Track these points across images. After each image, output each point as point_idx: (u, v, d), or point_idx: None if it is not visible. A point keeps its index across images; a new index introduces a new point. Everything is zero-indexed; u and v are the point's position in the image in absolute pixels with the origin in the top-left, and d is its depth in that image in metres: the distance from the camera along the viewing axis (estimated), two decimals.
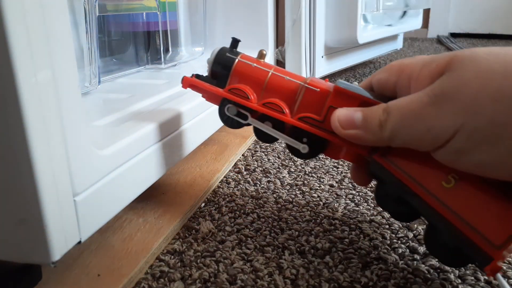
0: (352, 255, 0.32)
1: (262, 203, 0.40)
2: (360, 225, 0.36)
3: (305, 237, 0.34)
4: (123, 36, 0.57)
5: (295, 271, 0.30)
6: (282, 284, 0.29)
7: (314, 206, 0.40)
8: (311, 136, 0.31)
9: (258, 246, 0.33)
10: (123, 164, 0.30)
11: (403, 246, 0.33)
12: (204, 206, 0.40)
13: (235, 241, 0.34)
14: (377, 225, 0.36)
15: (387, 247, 0.33)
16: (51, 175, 0.22)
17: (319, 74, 0.85)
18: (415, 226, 0.36)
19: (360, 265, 0.31)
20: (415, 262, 0.31)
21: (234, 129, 0.34)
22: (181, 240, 0.34)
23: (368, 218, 0.37)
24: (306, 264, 0.31)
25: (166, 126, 0.36)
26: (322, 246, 0.33)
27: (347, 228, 0.36)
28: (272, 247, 0.33)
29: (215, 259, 0.31)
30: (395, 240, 0.34)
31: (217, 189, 0.43)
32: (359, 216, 0.38)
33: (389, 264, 0.31)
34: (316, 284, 0.29)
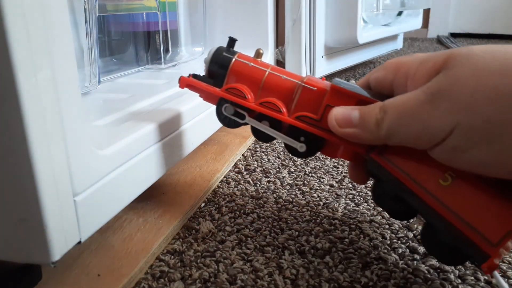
0: (352, 255, 0.32)
1: (262, 203, 0.40)
2: (360, 225, 0.36)
3: (305, 237, 0.34)
4: (123, 36, 0.57)
5: (295, 271, 0.30)
6: (282, 284, 0.29)
7: (314, 206, 0.40)
8: (308, 135, 0.31)
9: (258, 246, 0.33)
10: (123, 164, 0.30)
11: (403, 246, 0.33)
12: (204, 206, 0.40)
13: (235, 241, 0.34)
14: (377, 225, 0.36)
15: (387, 247, 0.33)
16: (51, 175, 0.22)
17: (319, 74, 0.85)
18: (415, 226, 0.36)
19: (360, 265, 0.31)
20: (415, 262, 0.31)
21: (231, 128, 0.34)
22: (181, 240, 0.34)
23: (368, 218, 0.37)
24: (306, 264, 0.31)
25: (166, 126, 0.36)
26: (322, 246, 0.33)
27: (347, 228, 0.36)
28: (272, 247, 0.33)
29: (215, 259, 0.31)
30: (395, 240, 0.34)
31: (217, 189, 0.43)
32: (359, 216, 0.38)
33: (389, 264, 0.31)
34: (316, 284, 0.29)
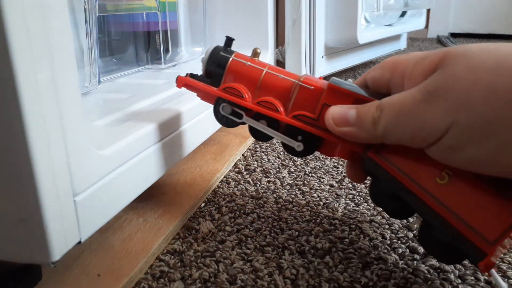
0: (352, 255, 0.32)
1: (262, 203, 0.40)
2: (360, 225, 0.36)
3: (305, 237, 0.34)
4: (123, 36, 0.57)
5: (295, 271, 0.30)
6: (282, 284, 0.29)
7: (314, 206, 0.40)
8: (305, 134, 0.31)
9: (258, 246, 0.33)
10: (123, 164, 0.30)
11: (403, 246, 0.33)
12: (204, 206, 0.40)
13: (235, 241, 0.34)
14: (377, 225, 0.36)
15: (387, 247, 0.33)
16: (51, 175, 0.22)
17: (319, 74, 0.85)
18: (415, 226, 0.36)
19: (360, 265, 0.31)
20: (415, 262, 0.31)
21: (229, 128, 0.34)
22: (181, 240, 0.34)
23: (368, 218, 0.37)
24: (306, 264, 0.31)
25: (166, 126, 0.36)
26: (322, 246, 0.33)
27: (347, 228, 0.36)
28: (272, 247, 0.33)
29: (215, 259, 0.31)
30: (395, 240, 0.34)
31: (217, 189, 0.43)
32: (359, 216, 0.38)
33: (389, 264, 0.31)
34: (316, 284, 0.29)
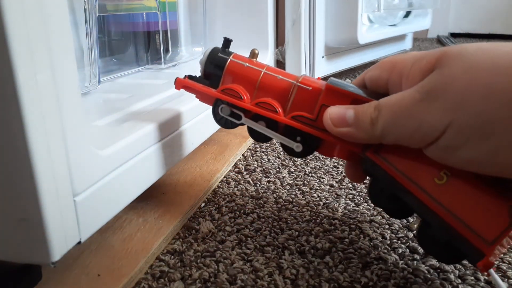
0: (352, 255, 0.32)
1: (262, 203, 0.40)
2: (360, 225, 0.36)
3: (305, 237, 0.34)
4: (123, 36, 0.57)
5: (295, 271, 0.30)
6: (282, 284, 0.29)
7: (314, 206, 0.40)
8: (304, 134, 0.31)
9: (258, 246, 0.33)
10: (123, 164, 0.30)
11: (403, 246, 0.33)
12: (204, 206, 0.40)
13: (235, 241, 0.34)
14: (377, 225, 0.36)
15: (387, 247, 0.33)
16: (51, 175, 0.22)
17: (320, 75, 0.85)
18: (415, 226, 0.36)
19: (360, 265, 0.31)
20: (415, 262, 0.31)
21: (228, 129, 0.34)
22: (181, 240, 0.34)
23: (368, 218, 0.37)
24: (306, 264, 0.31)
25: (166, 126, 0.36)
26: (322, 246, 0.33)
27: (347, 228, 0.36)
28: (272, 247, 0.33)
29: (215, 259, 0.31)
30: (395, 240, 0.34)
31: (217, 189, 0.43)
32: (359, 216, 0.38)
33: (389, 264, 0.31)
34: (316, 284, 0.29)
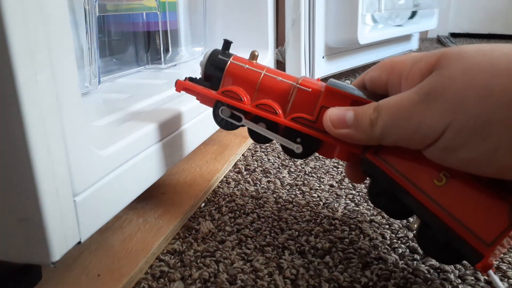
0: (352, 255, 0.32)
1: (262, 203, 0.40)
2: (360, 225, 0.36)
3: (305, 237, 0.34)
4: (123, 36, 0.57)
5: (295, 271, 0.30)
6: (282, 284, 0.29)
7: (314, 206, 0.40)
8: (304, 136, 0.31)
9: (258, 246, 0.33)
10: (123, 164, 0.30)
11: (403, 246, 0.33)
12: (204, 206, 0.40)
13: (235, 241, 0.34)
14: (377, 225, 0.36)
15: (387, 247, 0.33)
16: (51, 175, 0.22)
17: (320, 75, 0.84)
18: (415, 226, 0.36)
19: (360, 265, 0.31)
20: (415, 262, 0.31)
21: (229, 130, 0.34)
22: (181, 240, 0.34)
23: (368, 218, 0.37)
24: (306, 264, 0.31)
25: (166, 126, 0.36)
26: (322, 246, 0.33)
27: (347, 228, 0.36)
28: (272, 247, 0.33)
29: (215, 259, 0.31)
30: (395, 240, 0.34)
31: (217, 189, 0.43)
32: (359, 216, 0.38)
33: (389, 264, 0.31)
34: (316, 284, 0.29)
